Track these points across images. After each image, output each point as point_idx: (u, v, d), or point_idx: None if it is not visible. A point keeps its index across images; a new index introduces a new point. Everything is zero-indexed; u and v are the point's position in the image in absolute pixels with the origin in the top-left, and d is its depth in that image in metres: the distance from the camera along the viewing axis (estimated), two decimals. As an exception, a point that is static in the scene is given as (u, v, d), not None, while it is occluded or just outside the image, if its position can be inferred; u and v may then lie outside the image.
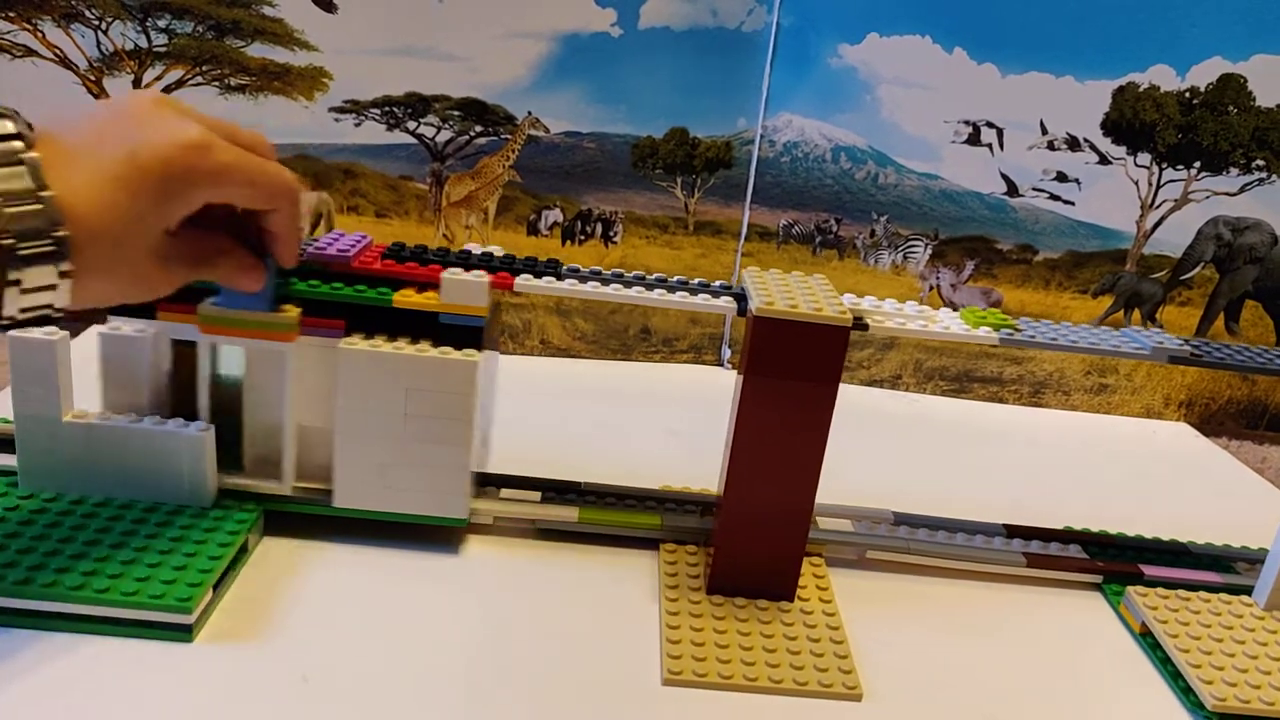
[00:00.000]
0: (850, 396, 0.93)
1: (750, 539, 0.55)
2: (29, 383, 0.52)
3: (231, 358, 0.55)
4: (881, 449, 0.82)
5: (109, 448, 0.54)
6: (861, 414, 0.90)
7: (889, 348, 0.96)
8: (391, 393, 0.54)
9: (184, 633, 0.47)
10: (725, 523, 0.55)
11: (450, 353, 0.54)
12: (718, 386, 0.92)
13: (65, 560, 0.49)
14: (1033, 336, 0.58)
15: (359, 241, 0.57)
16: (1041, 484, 0.80)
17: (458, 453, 0.55)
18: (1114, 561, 0.63)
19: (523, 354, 0.94)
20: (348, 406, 0.54)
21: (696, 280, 0.59)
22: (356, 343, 0.54)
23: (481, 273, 0.55)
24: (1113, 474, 0.84)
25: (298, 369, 0.55)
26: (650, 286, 0.57)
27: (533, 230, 0.91)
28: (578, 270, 0.58)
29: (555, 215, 0.91)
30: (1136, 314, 0.96)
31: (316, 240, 0.57)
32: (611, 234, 0.92)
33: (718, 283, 0.59)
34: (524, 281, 0.56)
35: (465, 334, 0.55)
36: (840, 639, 0.53)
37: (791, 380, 0.52)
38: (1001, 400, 0.98)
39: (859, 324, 0.55)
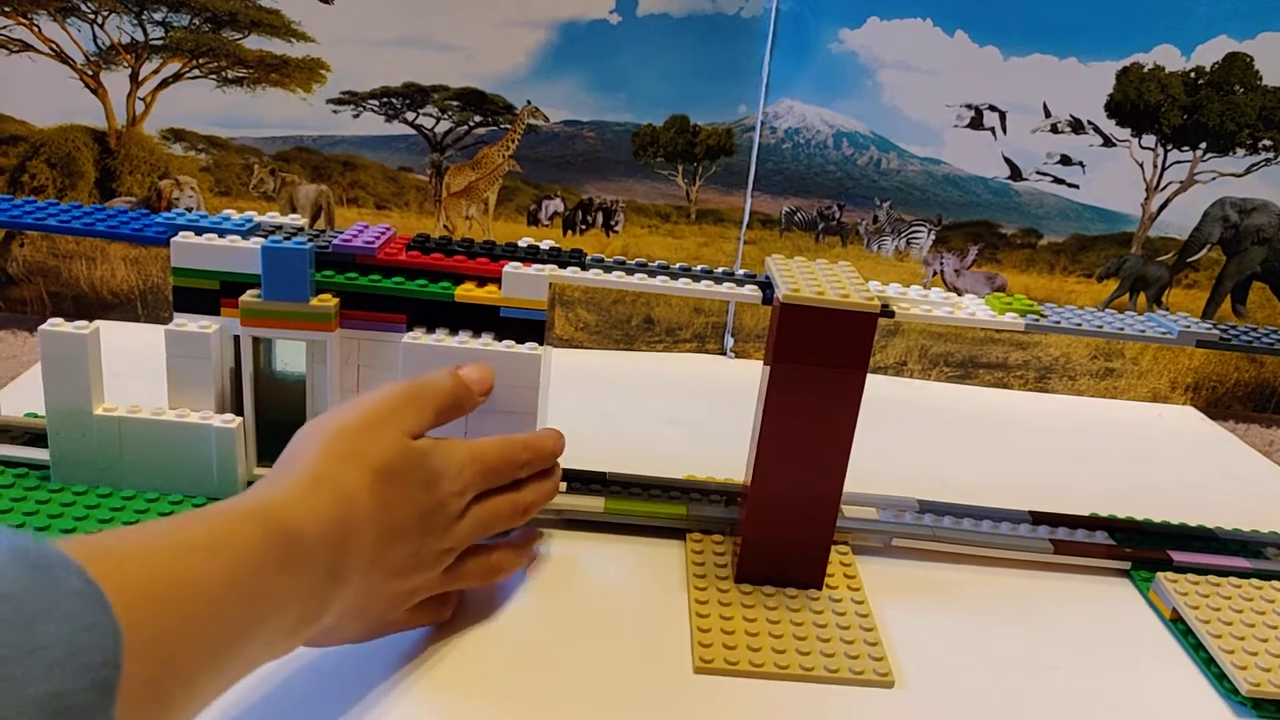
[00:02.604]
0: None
1: (778, 527, 0.55)
2: (60, 376, 0.53)
3: (287, 352, 0.56)
4: (890, 436, 0.81)
5: (139, 440, 0.54)
6: (867, 401, 0.90)
7: (893, 334, 0.95)
8: None
9: None
10: (752, 511, 0.55)
11: (516, 346, 0.54)
12: (721, 376, 0.93)
13: None
14: (1058, 322, 0.58)
15: (383, 234, 0.57)
16: (1052, 469, 0.79)
17: None
18: (1141, 548, 0.63)
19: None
20: None
21: (720, 269, 0.59)
22: (420, 337, 0.54)
23: (543, 267, 0.55)
24: (1121, 458, 0.84)
25: (361, 364, 0.55)
26: (675, 276, 0.57)
27: (533, 220, 0.91)
28: (601, 260, 0.58)
29: (556, 205, 0.91)
30: (1142, 297, 0.95)
31: (341, 232, 0.57)
32: (613, 223, 0.92)
33: (741, 271, 0.59)
34: (550, 272, 0.56)
35: (527, 327, 0.55)
36: (870, 626, 0.53)
37: (819, 368, 0.52)
38: (1007, 386, 0.97)
39: (885, 311, 0.54)
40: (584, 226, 0.92)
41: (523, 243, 0.59)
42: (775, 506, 0.54)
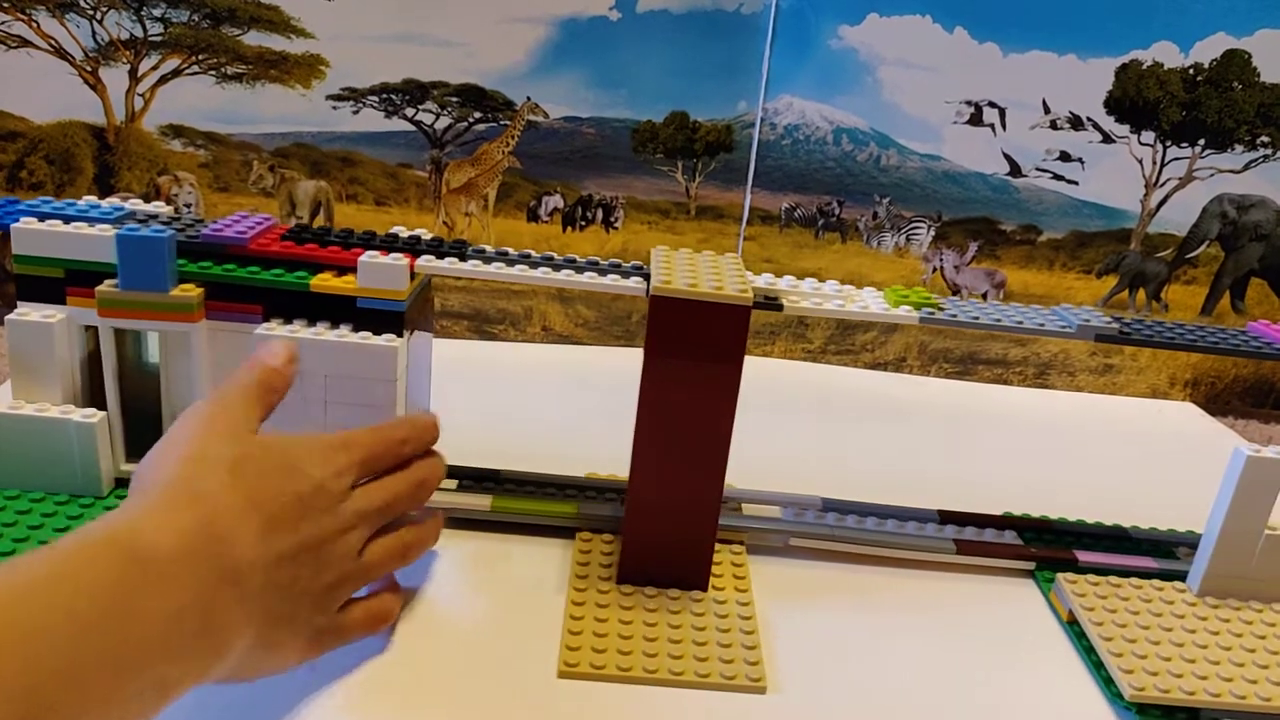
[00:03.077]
0: (852, 380, 0.93)
1: (659, 526, 0.53)
2: None
3: (151, 344, 0.54)
4: (868, 435, 0.81)
5: None
6: (863, 398, 0.90)
7: (893, 330, 0.95)
8: (311, 379, 0.52)
9: None
10: (633, 510, 0.53)
11: (370, 338, 0.52)
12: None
13: None
14: (954, 315, 0.56)
15: (261, 223, 0.56)
16: (1037, 467, 0.79)
17: None
18: (1048, 547, 0.61)
19: (524, 340, 0.93)
20: None
21: (609, 260, 0.57)
22: (274, 328, 0.52)
23: (402, 255, 0.53)
24: (1119, 455, 0.84)
25: (216, 356, 0.53)
26: (558, 267, 0.55)
27: (533, 217, 0.91)
28: (483, 251, 0.56)
29: (555, 201, 0.91)
30: (1141, 293, 0.96)
31: (216, 221, 0.55)
32: (612, 219, 0.92)
33: (631, 263, 0.57)
34: (425, 263, 0.54)
35: (385, 318, 0.53)
36: (751, 629, 0.52)
37: (693, 361, 0.50)
38: (1006, 382, 0.97)
39: (771, 303, 0.53)
40: (583, 223, 0.92)
41: (406, 233, 0.57)
42: (655, 505, 0.53)
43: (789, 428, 0.79)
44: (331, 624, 0.45)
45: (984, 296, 0.95)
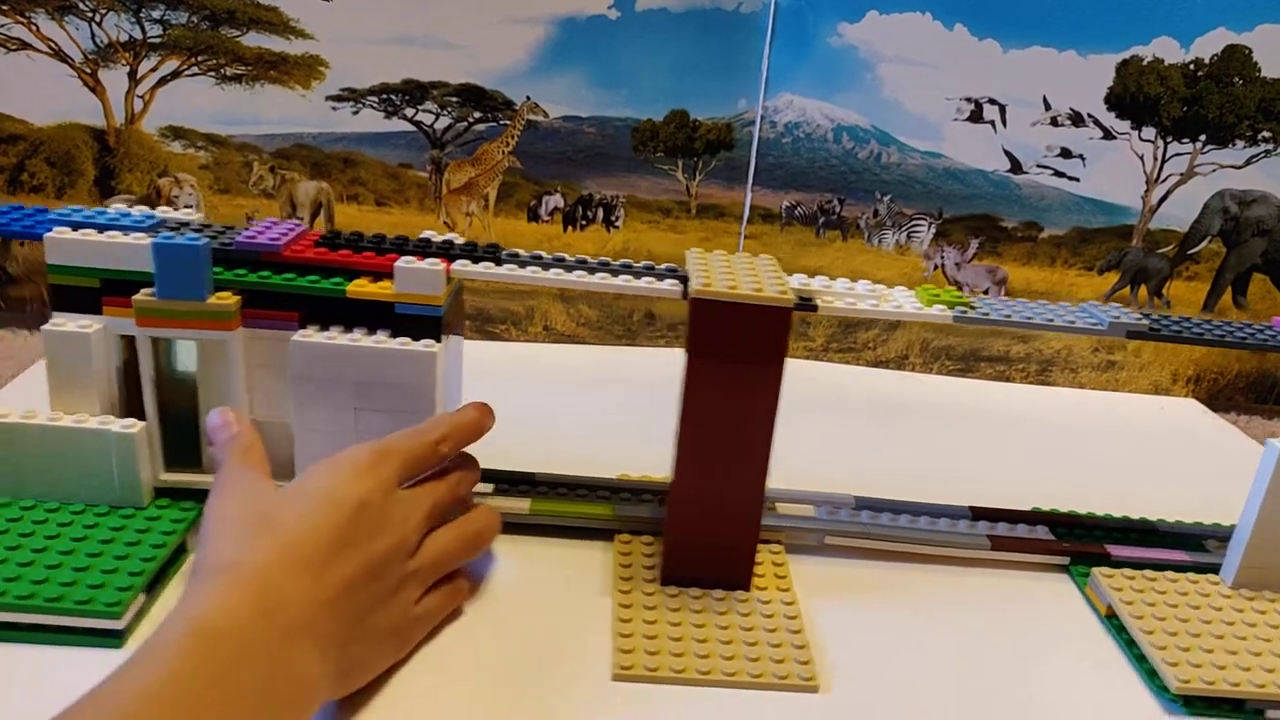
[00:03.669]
0: (854, 378, 0.93)
1: (702, 527, 0.53)
2: None
3: (186, 352, 0.54)
4: (883, 433, 0.81)
5: (34, 448, 0.52)
6: (865, 396, 0.90)
7: (895, 327, 0.95)
8: (347, 387, 0.52)
9: (114, 638, 0.46)
10: (675, 511, 0.53)
11: (409, 344, 0.52)
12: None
13: None
14: (987, 314, 0.57)
15: (292, 229, 0.55)
16: (1049, 464, 0.79)
17: None
18: (1080, 542, 0.62)
19: (526, 340, 0.93)
20: (301, 401, 0.53)
21: (642, 263, 0.57)
22: (312, 335, 0.52)
23: (438, 260, 0.53)
24: (1122, 452, 0.84)
25: (252, 363, 0.53)
26: (592, 270, 0.55)
27: (533, 216, 0.91)
28: (517, 255, 0.56)
29: (556, 201, 0.90)
30: (1143, 290, 0.95)
31: (248, 228, 0.55)
32: (613, 219, 0.92)
33: (664, 265, 0.57)
34: (460, 267, 0.54)
35: (423, 324, 0.53)
36: (798, 629, 0.52)
37: (735, 363, 0.50)
38: (1009, 379, 0.97)
39: (806, 304, 0.54)
40: (584, 222, 0.92)
41: (439, 237, 0.57)
42: (698, 506, 0.53)
43: (799, 426, 0.78)
44: (408, 619, 0.47)
45: (985, 294, 0.95)
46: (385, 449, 0.47)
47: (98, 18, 0.79)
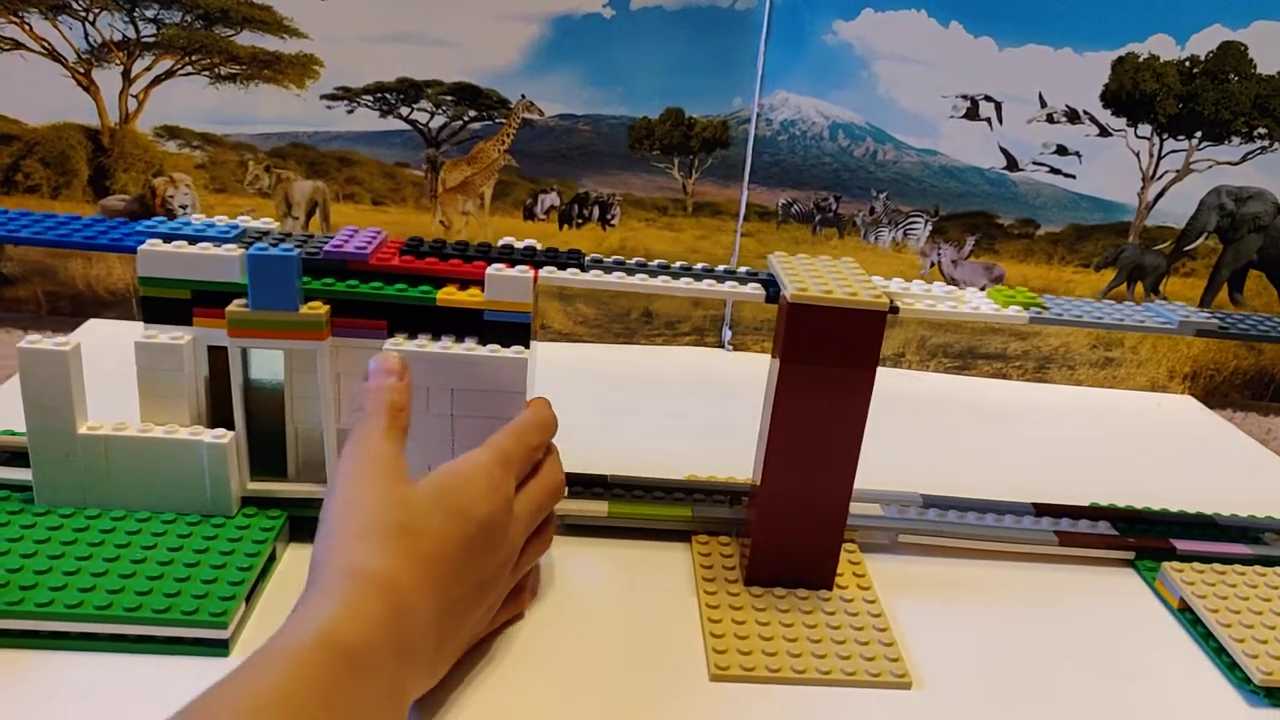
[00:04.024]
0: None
1: (788, 528, 0.54)
2: (41, 395, 0.50)
3: (272, 362, 0.54)
4: (887, 428, 0.81)
5: (127, 459, 0.52)
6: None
7: (892, 325, 0.95)
8: (439, 394, 0.53)
9: (220, 648, 0.47)
10: (762, 513, 0.54)
11: (500, 350, 0.53)
12: (720, 369, 0.92)
13: (88, 579, 0.47)
14: (1060, 314, 0.58)
15: (374, 238, 0.56)
16: (1052, 461, 0.79)
17: None
18: (1145, 537, 0.63)
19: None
20: None
21: (721, 267, 0.58)
22: (401, 343, 0.53)
23: (526, 268, 0.54)
24: (1121, 449, 0.84)
25: (340, 372, 0.54)
26: (676, 275, 0.56)
27: (529, 215, 0.90)
28: (600, 261, 0.57)
29: (552, 199, 0.90)
30: (1140, 286, 0.95)
31: (332, 237, 0.55)
32: (609, 217, 0.92)
33: (743, 269, 0.58)
34: (548, 274, 0.55)
35: (512, 330, 0.54)
36: (884, 626, 0.53)
37: (828, 367, 0.51)
38: (1006, 376, 0.97)
39: (890, 307, 0.54)
40: (580, 220, 0.91)
41: (520, 244, 0.57)
42: (785, 507, 0.54)
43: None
44: (486, 620, 0.47)
45: (982, 290, 0.95)
46: (506, 458, 0.46)
47: (91, 17, 0.79)
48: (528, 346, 0.54)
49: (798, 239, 0.93)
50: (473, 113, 0.86)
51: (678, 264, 0.58)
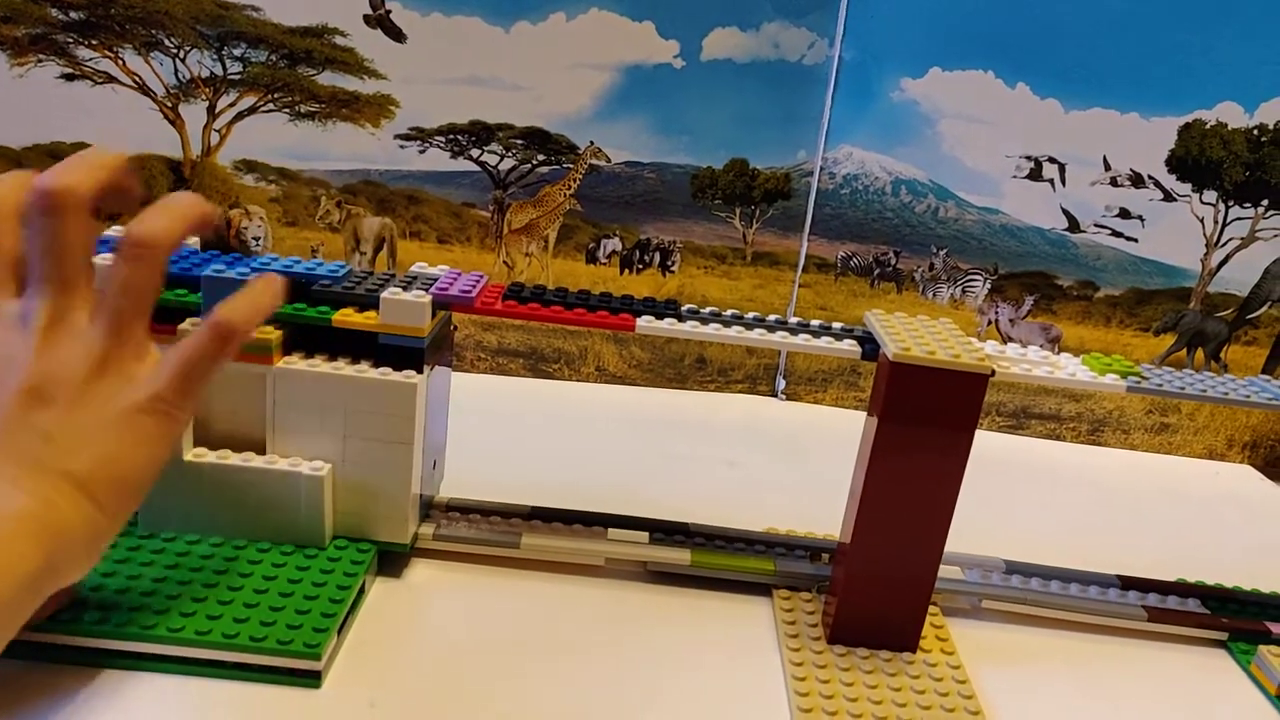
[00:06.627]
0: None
1: (875, 588, 0.54)
2: None
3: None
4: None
5: (227, 487, 0.53)
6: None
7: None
8: (330, 414, 0.53)
9: (313, 679, 0.47)
10: (851, 571, 0.54)
11: (390, 374, 0.53)
12: (773, 418, 0.93)
13: (189, 604, 0.48)
14: (1160, 385, 0.57)
15: (477, 282, 0.57)
16: (1117, 526, 0.78)
17: (401, 476, 0.55)
18: (1237, 617, 0.61)
19: (579, 380, 0.94)
20: (284, 428, 0.54)
21: (816, 323, 0.58)
22: (295, 362, 0.53)
23: (422, 293, 0.54)
24: (1177, 518, 0.83)
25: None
26: (771, 329, 0.57)
27: (591, 258, 0.92)
28: (697, 312, 0.57)
29: (614, 244, 0.92)
30: (1200, 353, 0.95)
31: (438, 279, 0.57)
32: (669, 263, 0.93)
33: (838, 325, 0.58)
34: (645, 323, 0.55)
35: (405, 354, 0.54)
36: (969, 693, 0.52)
37: (926, 428, 0.51)
38: (1059, 437, 0.97)
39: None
40: (641, 266, 0.93)
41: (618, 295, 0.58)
42: (874, 567, 0.53)
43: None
44: (139, 401, 0.42)
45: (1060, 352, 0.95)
46: None
47: (182, 54, 0.82)
48: (420, 371, 0.54)
49: (855, 292, 0.93)
50: (541, 156, 0.88)
51: (771, 317, 0.58)
